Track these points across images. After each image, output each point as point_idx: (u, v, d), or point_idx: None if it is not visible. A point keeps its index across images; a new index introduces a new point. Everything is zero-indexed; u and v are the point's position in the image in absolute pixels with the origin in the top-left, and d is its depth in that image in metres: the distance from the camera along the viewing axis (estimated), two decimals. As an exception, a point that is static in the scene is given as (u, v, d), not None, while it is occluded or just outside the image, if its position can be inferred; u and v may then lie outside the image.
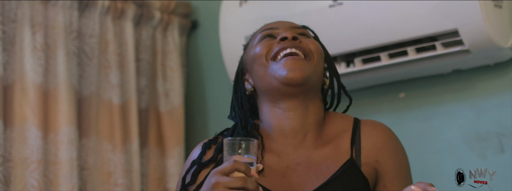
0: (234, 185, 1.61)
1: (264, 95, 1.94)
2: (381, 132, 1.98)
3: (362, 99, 3.01)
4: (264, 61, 1.92)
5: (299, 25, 2.02)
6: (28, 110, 2.89)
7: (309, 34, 2.01)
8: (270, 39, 1.95)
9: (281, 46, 1.90)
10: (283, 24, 2.00)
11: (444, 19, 2.64)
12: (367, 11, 2.76)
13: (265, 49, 1.92)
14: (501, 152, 2.70)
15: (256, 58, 1.93)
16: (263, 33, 1.97)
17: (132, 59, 3.22)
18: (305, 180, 1.85)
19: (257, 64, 1.93)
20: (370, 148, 1.94)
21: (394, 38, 2.74)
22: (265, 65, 1.91)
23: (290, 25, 1.99)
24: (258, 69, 1.93)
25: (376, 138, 1.96)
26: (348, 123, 1.98)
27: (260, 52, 1.92)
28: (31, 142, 2.87)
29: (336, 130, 1.96)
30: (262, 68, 1.92)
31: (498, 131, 2.71)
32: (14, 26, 2.94)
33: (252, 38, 2.02)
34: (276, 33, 1.96)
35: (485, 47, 2.63)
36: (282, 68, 1.88)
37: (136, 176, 3.11)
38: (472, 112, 2.77)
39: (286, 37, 1.90)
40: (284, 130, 1.92)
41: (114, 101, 3.13)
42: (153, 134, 3.29)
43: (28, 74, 2.91)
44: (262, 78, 1.92)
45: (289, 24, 2.00)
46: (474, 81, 2.79)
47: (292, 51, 1.90)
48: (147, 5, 3.33)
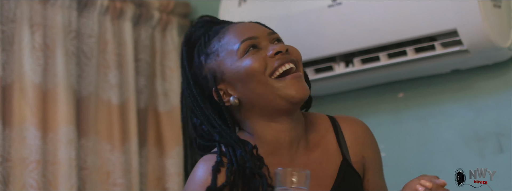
0: None
1: (258, 110, 1.90)
2: (359, 127, 2.01)
3: (361, 98, 3.01)
4: (263, 78, 1.87)
5: (268, 28, 1.99)
6: (27, 109, 2.89)
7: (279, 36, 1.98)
8: (257, 51, 1.90)
9: (279, 62, 1.88)
10: (258, 31, 1.94)
11: (443, 19, 2.64)
12: (366, 11, 2.76)
13: (261, 65, 1.88)
14: (499, 152, 2.70)
15: (252, 75, 1.87)
16: (245, 44, 1.90)
17: (131, 59, 3.21)
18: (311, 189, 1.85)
19: (255, 82, 1.88)
20: (355, 146, 1.97)
21: (393, 38, 2.74)
22: (266, 83, 1.87)
23: (266, 32, 1.95)
24: (255, 86, 1.88)
25: (357, 135, 1.99)
26: (326, 123, 1.99)
27: (257, 69, 1.87)
28: (29, 142, 2.86)
29: (318, 132, 1.96)
30: (262, 85, 1.87)
31: (497, 130, 2.71)
32: (12, 26, 2.93)
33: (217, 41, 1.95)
34: (258, 43, 1.91)
35: (484, 47, 2.63)
36: (288, 88, 1.86)
37: (135, 176, 3.11)
38: (471, 111, 2.77)
39: (280, 51, 1.88)
40: (280, 143, 1.90)
41: (113, 100, 3.12)
42: (152, 134, 3.29)
43: (27, 74, 2.91)
44: (263, 96, 1.88)
45: (263, 30, 1.96)
46: (473, 81, 2.79)
47: (290, 66, 1.88)
48: (146, 5, 3.33)
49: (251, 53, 1.89)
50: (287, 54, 1.89)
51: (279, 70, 1.88)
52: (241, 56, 1.89)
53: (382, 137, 2.91)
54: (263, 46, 1.91)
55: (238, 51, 1.89)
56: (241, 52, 1.89)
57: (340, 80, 2.93)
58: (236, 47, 1.90)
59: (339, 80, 2.92)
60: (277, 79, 1.87)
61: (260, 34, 1.92)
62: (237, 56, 1.89)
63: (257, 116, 1.91)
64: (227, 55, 1.91)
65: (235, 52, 1.90)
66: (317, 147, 1.93)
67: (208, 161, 1.88)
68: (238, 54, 1.89)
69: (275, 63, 1.88)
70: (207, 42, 1.96)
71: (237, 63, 1.89)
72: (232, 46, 1.91)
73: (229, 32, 1.94)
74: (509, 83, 2.72)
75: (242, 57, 1.89)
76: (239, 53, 1.89)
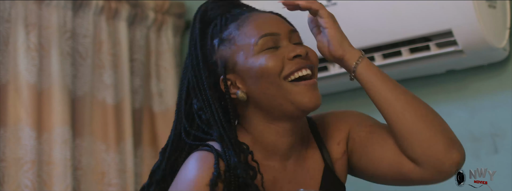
0: None
1: (263, 111, 1.82)
2: (328, 116, 1.94)
3: (356, 99, 3.01)
4: (277, 80, 1.77)
5: (292, 26, 1.89)
6: (22, 110, 2.89)
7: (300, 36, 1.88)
8: (274, 51, 1.79)
9: (297, 66, 1.78)
10: (281, 27, 1.84)
11: (438, 20, 2.65)
12: (361, 11, 2.76)
13: (277, 65, 1.78)
14: (495, 152, 2.70)
15: (266, 75, 1.77)
16: (264, 40, 1.80)
17: (126, 59, 3.22)
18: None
19: (267, 82, 1.78)
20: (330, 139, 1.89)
21: (388, 39, 2.74)
22: (279, 85, 1.77)
23: (288, 29, 1.84)
24: (267, 87, 1.78)
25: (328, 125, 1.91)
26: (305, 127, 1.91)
27: (273, 69, 1.77)
28: (24, 142, 2.86)
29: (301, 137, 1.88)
30: (274, 87, 1.78)
31: (492, 131, 2.71)
32: (7, 26, 2.93)
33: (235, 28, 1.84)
34: (277, 40, 1.81)
35: (479, 47, 2.64)
36: (302, 95, 1.77)
37: (129, 176, 3.11)
38: (466, 112, 2.77)
39: (300, 55, 1.78)
40: (278, 148, 1.83)
41: (108, 101, 3.12)
42: (147, 134, 3.29)
43: (22, 74, 2.91)
44: (273, 98, 1.79)
45: (285, 26, 1.85)
46: (468, 81, 2.80)
47: (307, 73, 1.78)
48: (141, 5, 3.33)
49: (269, 51, 1.79)
50: (307, 58, 1.80)
51: (295, 75, 1.78)
52: (258, 52, 1.79)
53: (377, 137, 2.91)
54: (283, 45, 1.81)
55: (256, 45, 1.79)
56: (259, 48, 1.79)
57: (335, 81, 2.93)
58: (254, 41, 1.79)
59: (334, 80, 2.92)
60: (291, 83, 1.78)
61: (282, 31, 1.82)
62: (254, 51, 1.79)
63: (261, 115, 1.82)
64: (243, 47, 1.80)
65: (252, 46, 1.79)
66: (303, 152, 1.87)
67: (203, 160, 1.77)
68: (255, 49, 1.79)
69: (292, 67, 1.78)
70: (224, 26, 1.85)
71: (253, 59, 1.79)
72: (251, 39, 1.80)
73: (249, 22, 1.83)
74: (504, 83, 2.72)
75: (259, 54, 1.79)
76: (257, 48, 1.79)
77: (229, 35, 1.83)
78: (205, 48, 1.85)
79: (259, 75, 1.78)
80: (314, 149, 1.88)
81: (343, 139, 1.90)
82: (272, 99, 1.79)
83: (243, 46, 1.81)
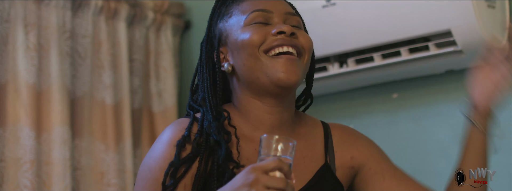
0: (275, 185, 1.49)
1: (245, 84, 1.83)
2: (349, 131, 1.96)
3: (355, 99, 3.01)
4: (256, 52, 1.79)
5: (292, 9, 1.91)
6: (21, 110, 2.89)
7: (300, 22, 1.91)
8: (262, 26, 1.82)
9: (278, 42, 1.79)
10: (277, 7, 1.86)
11: (437, 20, 2.65)
12: (360, 11, 2.77)
13: (258, 39, 1.80)
14: (493, 153, 2.70)
15: (247, 47, 1.80)
16: (254, 14, 1.83)
17: (125, 59, 3.21)
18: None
19: (247, 53, 1.80)
20: (342, 149, 1.91)
21: (387, 39, 2.75)
22: (257, 57, 1.79)
23: (285, 10, 1.86)
24: (247, 58, 1.80)
25: (345, 137, 1.93)
26: (318, 126, 1.93)
27: (253, 42, 1.80)
28: (24, 142, 2.86)
29: (308, 130, 1.91)
30: (253, 59, 1.80)
31: (491, 131, 2.71)
32: (7, 26, 2.93)
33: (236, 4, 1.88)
34: (269, 18, 1.84)
35: (478, 47, 2.63)
36: (276, 68, 1.78)
37: (129, 176, 3.11)
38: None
39: (284, 31, 1.80)
40: (262, 123, 1.83)
41: (107, 101, 3.12)
42: (146, 134, 3.29)
43: (21, 74, 2.91)
44: (250, 70, 1.80)
45: (283, 8, 1.87)
46: (467, 81, 2.79)
47: (289, 50, 1.79)
48: (140, 5, 3.33)
49: (256, 25, 1.82)
50: (293, 37, 1.81)
51: (275, 50, 1.80)
52: (246, 25, 1.82)
53: (377, 137, 2.90)
54: (274, 22, 1.83)
55: (246, 19, 1.83)
56: (248, 22, 1.83)
57: (334, 81, 2.93)
58: (246, 14, 1.83)
59: (333, 80, 2.93)
60: (269, 57, 1.79)
61: (276, 10, 1.85)
62: (243, 24, 1.83)
63: (245, 89, 1.83)
64: (235, 20, 1.85)
65: (243, 20, 1.83)
66: (302, 141, 1.85)
67: (177, 124, 1.82)
68: (245, 22, 1.82)
69: (273, 42, 1.80)
70: (229, 5, 1.89)
71: (239, 31, 1.82)
72: (244, 14, 1.84)
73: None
74: (503, 83, 2.72)
75: (247, 27, 1.82)
76: (246, 21, 1.83)
77: (228, 10, 1.88)
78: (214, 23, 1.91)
79: (241, 46, 1.81)
80: (318, 147, 1.89)
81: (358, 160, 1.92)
82: (250, 71, 1.81)
83: (235, 19, 1.85)
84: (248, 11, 1.84)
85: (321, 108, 3.05)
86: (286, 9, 1.87)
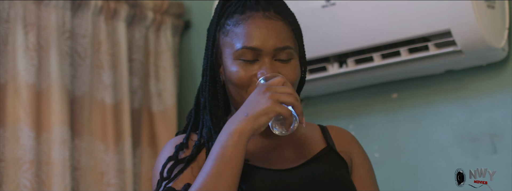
0: (283, 90, 1.68)
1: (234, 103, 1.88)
2: (349, 135, 1.99)
3: (355, 99, 3.01)
4: (243, 93, 1.83)
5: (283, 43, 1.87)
6: (21, 110, 2.88)
7: (291, 53, 1.88)
8: (249, 65, 1.83)
9: None
10: (269, 44, 1.84)
11: (436, 20, 2.65)
12: (360, 11, 2.77)
13: (245, 82, 1.83)
14: (493, 153, 2.70)
15: (234, 84, 1.84)
16: (243, 51, 1.83)
17: (125, 59, 3.21)
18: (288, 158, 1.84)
19: (235, 89, 1.85)
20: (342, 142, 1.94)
21: (386, 39, 2.75)
22: (243, 97, 1.81)
23: (274, 46, 1.84)
24: (234, 91, 1.85)
25: (345, 139, 1.96)
26: (315, 126, 1.97)
27: (240, 83, 1.83)
28: (23, 142, 2.86)
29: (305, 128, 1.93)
30: (239, 96, 1.84)
31: (491, 131, 2.72)
32: (6, 26, 2.93)
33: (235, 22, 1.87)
34: (257, 55, 1.83)
35: (477, 47, 2.64)
36: None
37: (128, 176, 3.11)
38: (465, 112, 2.77)
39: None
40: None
41: (106, 101, 3.12)
42: (146, 134, 3.29)
43: (20, 74, 2.90)
44: (235, 102, 1.85)
45: (274, 43, 1.84)
46: (467, 81, 2.80)
47: None
48: (140, 5, 3.33)
49: (243, 63, 1.83)
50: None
51: None
52: (235, 58, 1.84)
53: (376, 137, 2.92)
54: (263, 60, 1.83)
55: (235, 52, 1.84)
56: (236, 56, 1.83)
57: (334, 81, 2.93)
58: (237, 46, 1.84)
59: (333, 80, 2.92)
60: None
61: (266, 48, 1.83)
62: (233, 56, 1.84)
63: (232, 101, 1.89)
64: (229, 45, 1.86)
65: (233, 51, 1.84)
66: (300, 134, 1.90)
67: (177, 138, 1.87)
68: (234, 55, 1.84)
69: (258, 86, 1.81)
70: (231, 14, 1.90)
71: (230, 62, 1.85)
72: (236, 43, 1.85)
73: (247, 24, 1.86)
74: (503, 84, 2.72)
75: (235, 60, 1.84)
76: (235, 55, 1.84)
77: (228, 26, 1.89)
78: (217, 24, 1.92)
79: (229, 79, 1.84)
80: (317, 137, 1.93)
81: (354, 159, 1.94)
82: (235, 102, 1.86)
83: (229, 44, 1.86)
84: (238, 43, 1.85)
85: (321, 108, 3.05)
86: (276, 45, 1.85)
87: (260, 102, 1.69)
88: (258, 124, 1.67)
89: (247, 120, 1.68)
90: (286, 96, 1.69)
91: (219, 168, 1.66)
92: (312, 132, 1.94)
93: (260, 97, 1.69)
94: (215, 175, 1.65)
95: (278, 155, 1.85)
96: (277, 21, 1.88)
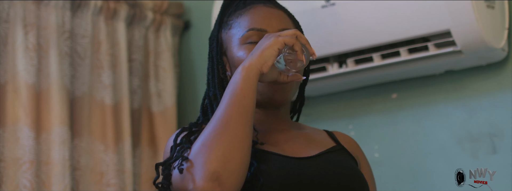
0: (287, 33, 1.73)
1: None
2: (353, 140, 2.03)
3: (354, 99, 3.01)
4: None
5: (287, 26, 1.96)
6: (20, 110, 2.89)
7: None
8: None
9: None
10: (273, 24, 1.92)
11: (436, 20, 2.65)
12: (360, 11, 2.77)
13: None
14: (493, 153, 2.70)
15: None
16: (249, 34, 1.90)
17: (125, 59, 3.22)
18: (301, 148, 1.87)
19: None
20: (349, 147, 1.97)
21: (386, 39, 2.74)
22: None
23: (279, 26, 1.92)
24: None
25: (351, 143, 2.00)
26: (321, 131, 2.01)
27: None
28: (23, 142, 2.86)
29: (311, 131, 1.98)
30: None
31: (490, 131, 2.72)
32: (6, 26, 2.93)
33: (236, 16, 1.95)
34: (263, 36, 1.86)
35: (477, 48, 2.64)
36: (269, 88, 1.86)
37: (128, 176, 3.11)
38: (464, 112, 2.77)
39: None
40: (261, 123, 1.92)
41: (106, 101, 3.12)
42: (146, 134, 3.29)
43: (20, 74, 2.91)
44: None
45: (278, 23, 1.93)
46: (467, 82, 2.80)
47: None
48: (139, 5, 3.33)
49: (251, 46, 1.88)
50: None
51: None
52: (241, 43, 1.90)
53: (376, 137, 2.92)
54: None
55: (241, 37, 1.90)
56: (243, 40, 1.89)
57: (334, 81, 2.93)
58: (242, 32, 1.91)
59: (332, 81, 2.92)
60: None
61: (271, 28, 1.91)
62: (239, 42, 1.90)
63: None
64: (234, 36, 1.92)
65: (239, 37, 1.90)
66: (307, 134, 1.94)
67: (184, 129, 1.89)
68: (240, 40, 1.90)
69: None
70: (232, 13, 1.97)
71: (236, 48, 1.90)
72: (241, 30, 1.92)
73: (248, 14, 1.94)
74: (502, 84, 2.72)
75: (242, 45, 1.90)
76: (241, 40, 1.90)
77: (230, 21, 1.95)
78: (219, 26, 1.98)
79: (237, 65, 1.88)
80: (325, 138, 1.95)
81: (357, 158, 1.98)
82: None
83: (234, 35, 1.92)
84: (244, 29, 1.91)
85: (321, 108, 3.05)
86: (280, 25, 1.92)
87: (265, 42, 1.74)
88: (264, 56, 1.72)
89: (253, 56, 1.73)
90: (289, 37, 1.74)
91: (232, 99, 1.70)
92: (320, 134, 1.97)
93: (265, 39, 1.75)
94: (230, 105, 1.69)
95: (291, 146, 1.87)
96: (279, 11, 1.96)
